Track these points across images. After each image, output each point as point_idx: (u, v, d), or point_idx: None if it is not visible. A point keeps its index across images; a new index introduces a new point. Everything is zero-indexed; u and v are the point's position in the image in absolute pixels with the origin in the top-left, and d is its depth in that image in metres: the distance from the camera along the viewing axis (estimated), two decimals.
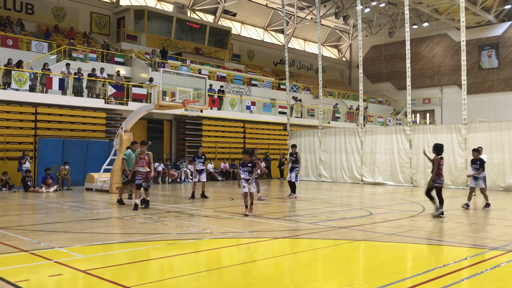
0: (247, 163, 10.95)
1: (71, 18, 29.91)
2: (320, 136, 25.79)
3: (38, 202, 14.64)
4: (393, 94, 45.05)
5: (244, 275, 5.91)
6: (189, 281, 5.56)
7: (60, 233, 8.76)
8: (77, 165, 20.21)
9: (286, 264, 6.42)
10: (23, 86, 20.03)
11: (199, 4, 37.11)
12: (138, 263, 6.53)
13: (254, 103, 29.31)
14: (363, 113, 26.31)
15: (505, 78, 39.22)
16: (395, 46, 43.81)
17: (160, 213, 11.52)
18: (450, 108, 40.57)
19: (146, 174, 12.19)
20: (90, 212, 12.00)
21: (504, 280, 5.71)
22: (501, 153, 19.03)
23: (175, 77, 18.63)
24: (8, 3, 27.42)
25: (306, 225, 9.80)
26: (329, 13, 39.36)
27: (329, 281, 5.63)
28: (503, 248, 7.36)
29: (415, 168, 21.56)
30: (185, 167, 24.41)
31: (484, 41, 40.24)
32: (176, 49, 32.80)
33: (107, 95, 22.43)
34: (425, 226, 9.75)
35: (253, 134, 28.97)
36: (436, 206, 10.97)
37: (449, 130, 20.64)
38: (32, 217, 11.55)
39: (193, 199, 14.87)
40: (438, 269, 6.02)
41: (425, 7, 36.22)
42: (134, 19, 31.10)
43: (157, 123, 25.80)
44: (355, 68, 48.14)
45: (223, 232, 8.93)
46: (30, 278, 5.54)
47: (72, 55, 24.33)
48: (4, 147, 19.31)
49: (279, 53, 41.74)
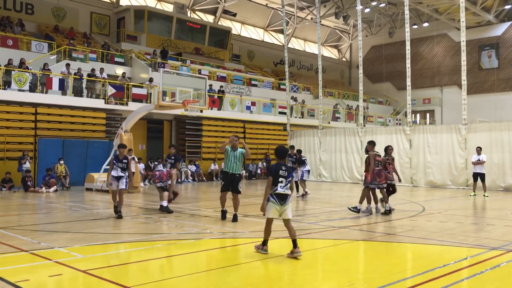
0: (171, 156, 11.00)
1: (71, 18, 29.90)
2: (320, 136, 25.79)
3: (38, 202, 14.63)
4: (393, 94, 45.04)
5: (244, 275, 5.91)
6: (189, 281, 5.56)
7: (60, 233, 8.76)
8: (77, 165, 20.22)
9: (286, 264, 6.42)
10: (23, 86, 20.03)
11: (199, 4, 37.10)
12: (138, 263, 6.53)
13: (254, 103, 29.31)
14: (363, 113, 26.30)
15: (505, 78, 39.22)
16: (395, 46, 43.80)
17: (160, 213, 11.51)
18: (450, 108, 40.56)
19: (160, 175, 12.04)
20: (90, 212, 12.01)
21: (504, 280, 5.71)
22: (501, 153, 19.03)
23: (175, 77, 18.65)
24: (8, 3, 27.41)
25: (306, 225, 9.81)
26: (329, 13, 39.36)
27: (329, 281, 5.63)
28: (503, 248, 7.36)
29: (415, 168, 21.56)
30: (185, 167, 24.45)
31: (484, 41, 40.23)
32: (176, 49, 32.80)
33: (107, 95, 22.43)
34: (425, 226, 9.75)
35: (253, 134, 28.96)
36: (370, 206, 11.47)
37: (449, 130, 20.64)
38: (32, 217, 11.55)
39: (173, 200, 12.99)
40: (438, 269, 6.02)
41: (425, 7, 36.21)
42: (134, 19, 31.09)
43: (157, 123, 25.80)
44: (355, 68, 48.12)
45: (223, 232, 8.93)
46: (30, 278, 5.54)
47: (72, 55, 24.33)
48: (4, 147, 19.30)
49: (279, 53, 41.73)
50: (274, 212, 6.75)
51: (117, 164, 10.95)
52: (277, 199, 6.72)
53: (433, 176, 20.93)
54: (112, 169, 10.93)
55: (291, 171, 6.90)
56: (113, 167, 10.95)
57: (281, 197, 6.73)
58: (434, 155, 20.93)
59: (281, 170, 6.79)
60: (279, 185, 6.73)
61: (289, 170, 6.86)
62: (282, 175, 6.77)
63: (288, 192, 6.80)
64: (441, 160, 20.57)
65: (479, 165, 16.35)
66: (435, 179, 20.82)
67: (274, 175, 6.78)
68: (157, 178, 12.00)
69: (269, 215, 6.82)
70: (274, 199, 6.74)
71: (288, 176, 6.82)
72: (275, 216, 6.81)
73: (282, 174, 6.78)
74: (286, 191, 6.77)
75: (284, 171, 6.80)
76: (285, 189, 6.77)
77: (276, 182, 6.76)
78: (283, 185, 6.75)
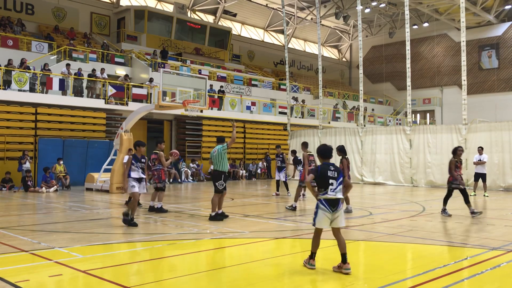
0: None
1: (71, 18, 29.91)
2: (320, 136, 25.79)
3: (38, 202, 14.63)
4: (393, 94, 45.04)
5: (244, 275, 5.91)
6: (189, 281, 5.56)
7: (60, 233, 8.76)
8: (77, 165, 20.23)
9: (286, 264, 6.42)
10: (23, 86, 20.04)
11: (199, 4, 37.10)
12: (138, 263, 6.53)
13: (254, 103, 29.32)
14: (363, 113, 26.30)
15: (505, 78, 39.21)
16: (395, 46, 43.80)
17: (160, 213, 11.51)
18: (450, 108, 40.56)
19: (159, 174, 12.02)
20: (90, 212, 12.00)
21: (504, 280, 5.71)
22: (501, 153, 19.02)
23: (175, 77, 18.64)
24: (8, 3, 27.42)
25: (306, 225, 9.80)
26: (329, 13, 39.36)
27: (329, 281, 5.63)
28: (503, 248, 7.36)
29: (415, 168, 21.56)
30: (185, 167, 24.46)
31: (484, 41, 40.22)
32: (176, 50, 32.80)
33: (107, 95, 22.44)
34: (425, 226, 9.74)
35: (253, 134, 28.97)
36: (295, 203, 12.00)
37: (449, 130, 20.64)
38: (32, 217, 11.55)
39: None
40: (438, 269, 6.02)
41: (425, 7, 36.21)
42: (134, 19, 31.10)
43: (157, 123, 25.80)
44: (355, 69, 48.12)
45: (223, 232, 8.93)
46: (30, 278, 5.54)
47: (72, 55, 24.34)
48: (4, 147, 19.31)
49: (279, 54, 41.74)
50: (325, 221, 5.90)
51: (137, 164, 9.75)
52: (327, 206, 5.87)
53: (433, 176, 20.93)
54: (131, 170, 9.71)
55: (341, 170, 6.08)
56: (132, 167, 9.72)
57: (332, 203, 5.88)
58: (434, 155, 20.93)
59: (329, 170, 5.94)
60: (330, 188, 5.89)
61: (338, 170, 6.02)
62: (332, 176, 5.91)
63: (340, 196, 5.93)
64: (441, 160, 20.56)
65: (480, 165, 16.35)
66: (435, 179, 20.81)
67: (321, 177, 5.93)
68: (156, 178, 12.02)
69: (319, 225, 5.96)
70: (324, 206, 5.88)
71: (338, 177, 5.97)
72: (326, 225, 5.93)
73: (331, 175, 5.92)
74: (338, 195, 5.92)
75: (333, 172, 5.95)
76: (337, 193, 5.91)
77: (325, 185, 5.91)
78: (334, 188, 5.90)
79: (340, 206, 5.93)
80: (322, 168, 5.99)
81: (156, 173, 11.98)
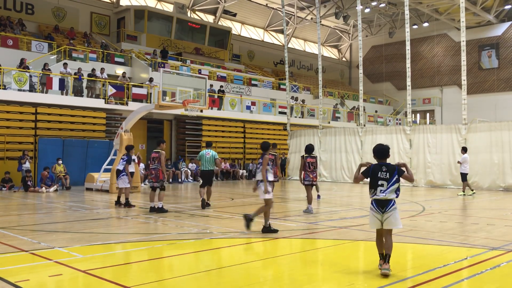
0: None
1: (71, 18, 29.90)
2: (320, 136, 25.79)
3: (38, 202, 14.63)
4: (393, 94, 45.04)
5: (244, 275, 5.91)
6: (189, 281, 5.56)
7: (60, 233, 8.76)
8: (77, 165, 20.22)
9: (286, 264, 6.42)
10: (23, 86, 20.04)
11: (199, 4, 37.10)
12: (138, 263, 6.53)
13: (254, 103, 29.32)
14: (363, 113, 26.30)
15: (505, 78, 39.21)
16: (395, 46, 43.80)
17: (160, 213, 11.50)
18: (450, 108, 40.55)
19: (157, 173, 12.04)
20: (90, 212, 12.00)
21: (504, 280, 5.71)
22: (501, 153, 19.02)
23: (175, 77, 18.64)
24: (8, 3, 27.41)
25: (306, 225, 9.81)
26: (329, 13, 39.36)
27: (329, 281, 5.63)
28: (503, 248, 7.36)
29: (415, 168, 21.52)
30: (185, 167, 24.44)
31: (484, 41, 40.22)
32: (176, 49, 32.80)
33: (107, 95, 22.43)
34: (425, 226, 9.75)
35: (253, 134, 28.97)
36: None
37: (449, 130, 20.63)
38: (32, 217, 11.55)
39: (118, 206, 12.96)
40: (438, 269, 6.02)
41: (425, 7, 36.20)
42: (134, 19, 31.08)
43: (157, 123, 25.80)
44: (355, 68, 48.12)
45: (223, 232, 8.93)
46: (30, 278, 5.54)
47: (72, 55, 24.33)
48: (4, 147, 19.31)
49: (279, 53, 41.73)
50: (375, 221, 5.87)
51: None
52: (376, 206, 5.84)
53: (433, 176, 20.92)
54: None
55: (395, 172, 5.84)
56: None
57: (380, 203, 5.81)
58: (434, 155, 20.93)
59: (381, 171, 5.85)
60: (379, 189, 5.82)
61: (391, 171, 5.83)
62: (382, 177, 5.82)
63: (390, 196, 5.80)
64: (441, 160, 20.57)
65: (460, 164, 17.14)
66: (435, 179, 20.81)
67: (372, 177, 5.88)
68: (153, 177, 11.98)
69: (371, 226, 6.04)
70: (373, 206, 5.88)
71: (391, 178, 5.81)
72: (377, 226, 5.87)
73: (382, 176, 5.83)
74: (388, 196, 5.79)
75: (385, 173, 5.83)
76: (387, 194, 5.79)
77: (374, 185, 5.87)
78: (383, 189, 5.81)
79: (390, 206, 5.83)
80: (374, 168, 5.95)
81: (154, 172, 11.94)
